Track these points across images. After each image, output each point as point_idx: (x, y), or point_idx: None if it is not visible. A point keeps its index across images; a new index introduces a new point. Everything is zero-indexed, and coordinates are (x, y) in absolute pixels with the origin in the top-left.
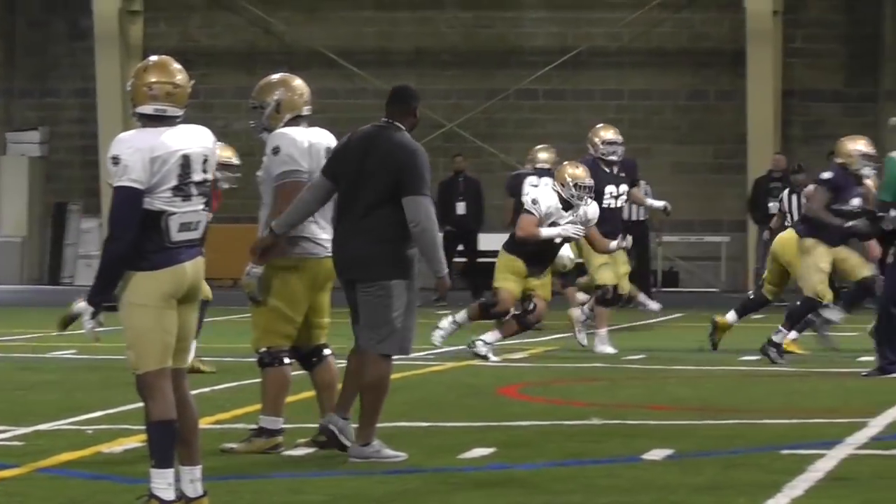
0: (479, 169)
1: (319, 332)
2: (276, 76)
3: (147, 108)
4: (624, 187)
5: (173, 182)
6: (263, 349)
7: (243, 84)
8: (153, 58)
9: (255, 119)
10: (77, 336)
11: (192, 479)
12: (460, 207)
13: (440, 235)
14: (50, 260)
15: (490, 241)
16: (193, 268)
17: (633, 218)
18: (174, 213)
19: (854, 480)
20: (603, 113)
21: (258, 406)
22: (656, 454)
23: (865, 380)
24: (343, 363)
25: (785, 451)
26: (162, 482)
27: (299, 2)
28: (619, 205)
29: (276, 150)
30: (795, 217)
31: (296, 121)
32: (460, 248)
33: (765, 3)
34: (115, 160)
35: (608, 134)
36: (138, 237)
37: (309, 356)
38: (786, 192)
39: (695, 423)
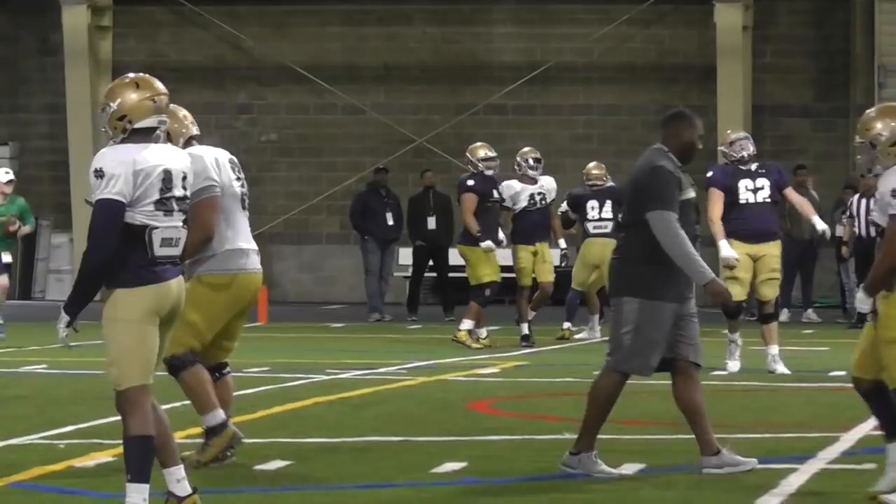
0: (449, 184)
1: (225, 353)
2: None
3: (151, 121)
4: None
5: (155, 196)
6: (169, 356)
7: (212, 99)
8: (133, 74)
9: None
10: (49, 351)
11: (179, 478)
12: (431, 222)
13: (687, 247)
14: (20, 275)
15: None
16: (177, 287)
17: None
18: (157, 228)
19: (826, 495)
20: (572, 128)
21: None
22: (628, 468)
23: (836, 395)
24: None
25: (757, 466)
26: (138, 497)
27: (268, 17)
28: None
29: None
30: (864, 222)
31: (190, 142)
32: (431, 263)
33: (734, 19)
34: (99, 173)
35: (484, 152)
36: (123, 253)
37: (211, 370)
38: (855, 197)
39: (667, 438)
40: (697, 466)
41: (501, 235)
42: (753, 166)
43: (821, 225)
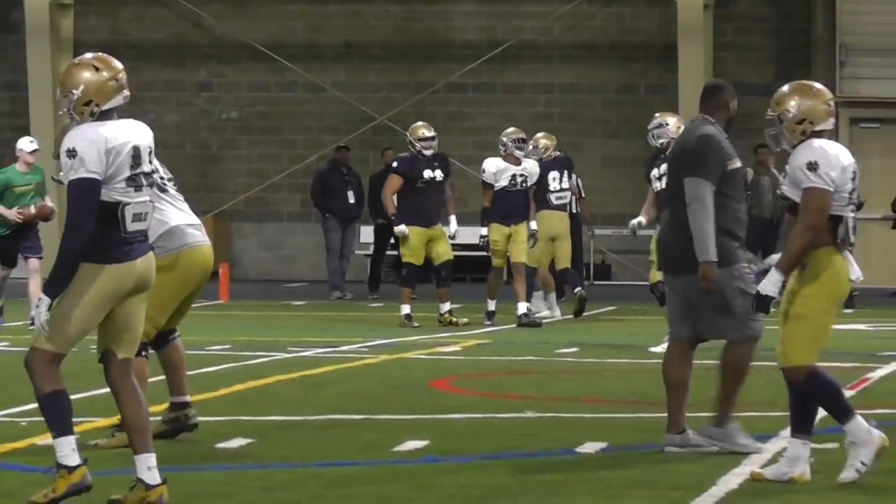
0: None
1: (177, 320)
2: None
3: (117, 100)
4: (439, 173)
5: (126, 173)
6: None
7: (173, 77)
8: (91, 55)
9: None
10: (9, 329)
11: (149, 466)
12: None
13: (709, 223)
14: None
15: None
16: (143, 263)
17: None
18: (129, 204)
19: None
20: (533, 106)
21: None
22: (590, 447)
23: None
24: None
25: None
26: (66, 449)
27: None
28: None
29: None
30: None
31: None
32: (392, 241)
33: None
34: (72, 153)
35: (422, 132)
36: (96, 230)
37: (159, 337)
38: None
39: (628, 417)
40: (661, 443)
41: (453, 224)
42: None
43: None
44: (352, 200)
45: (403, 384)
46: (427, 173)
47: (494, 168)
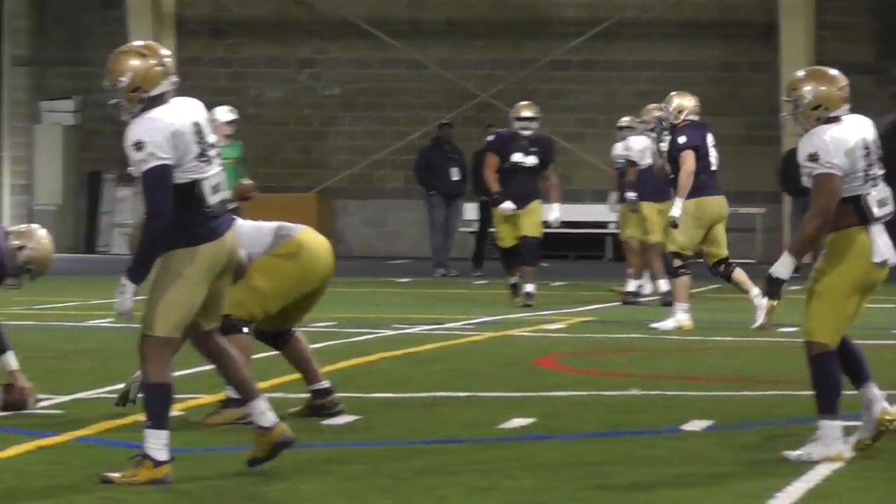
0: None
1: (297, 317)
2: None
3: (165, 85)
4: (532, 159)
5: (195, 150)
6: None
7: (276, 54)
8: (136, 44)
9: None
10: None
11: (262, 410)
12: None
13: None
14: (85, 228)
15: None
16: (231, 237)
17: None
18: (204, 178)
19: (891, 452)
20: (635, 84)
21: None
22: (695, 425)
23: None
24: None
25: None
26: (157, 443)
27: None
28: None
29: None
30: None
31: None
32: None
33: None
34: (139, 145)
35: (521, 112)
36: (179, 213)
37: (277, 337)
38: None
39: (733, 395)
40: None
41: (554, 212)
42: None
43: None
44: (455, 177)
45: (508, 361)
46: (517, 156)
47: (640, 146)
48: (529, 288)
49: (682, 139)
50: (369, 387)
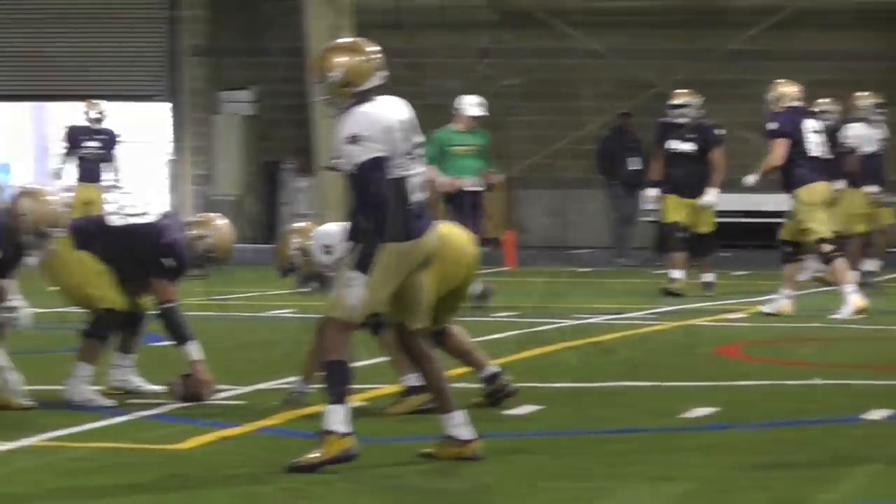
0: None
1: (444, 317)
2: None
3: (374, 80)
4: (690, 146)
5: (404, 147)
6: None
7: (455, 44)
8: (344, 41)
9: None
10: (295, 295)
11: (459, 423)
12: None
13: None
14: (265, 219)
15: None
16: (432, 239)
17: None
18: (410, 176)
19: None
20: (816, 74)
21: (492, 362)
22: (876, 414)
23: None
24: None
25: None
26: (338, 417)
27: None
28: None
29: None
30: None
31: None
32: None
33: None
34: (355, 139)
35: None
36: (385, 208)
37: (433, 336)
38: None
39: None
40: None
41: (708, 196)
42: None
43: None
44: (635, 166)
45: (690, 351)
46: (674, 143)
47: (860, 132)
48: (708, 278)
49: (772, 126)
50: (551, 376)
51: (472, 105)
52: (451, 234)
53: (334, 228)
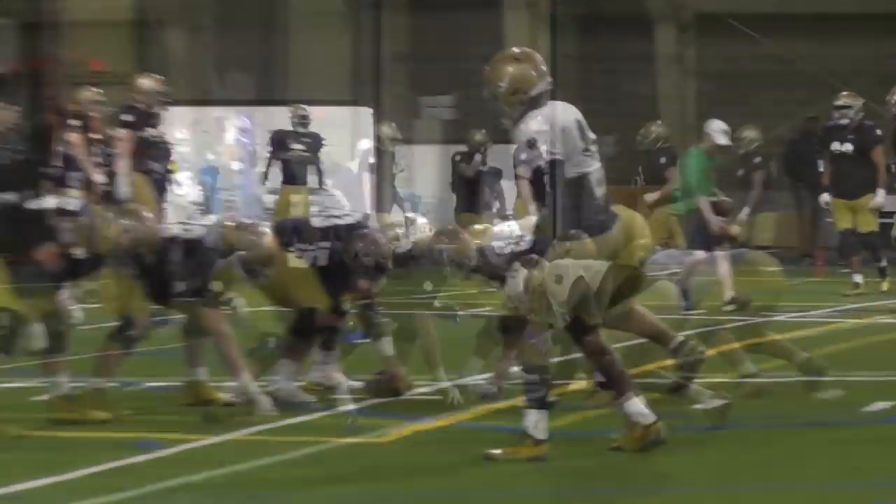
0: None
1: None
2: None
3: (542, 86)
4: (848, 146)
5: (581, 145)
6: None
7: (644, 49)
8: (511, 51)
9: None
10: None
11: (639, 408)
12: None
13: None
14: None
15: None
16: (617, 233)
17: None
18: (591, 172)
19: None
20: None
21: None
22: None
23: None
24: None
25: None
26: (536, 423)
27: None
28: None
29: None
30: None
31: None
32: None
33: None
34: (533, 142)
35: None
36: (574, 206)
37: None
38: None
39: None
40: None
41: (877, 198)
42: None
43: None
44: (822, 169)
45: (876, 345)
46: (835, 145)
47: None
48: (857, 278)
49: (879, 132)
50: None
51: (718, 132)
52: (626, 217)
53: (511, 228)
